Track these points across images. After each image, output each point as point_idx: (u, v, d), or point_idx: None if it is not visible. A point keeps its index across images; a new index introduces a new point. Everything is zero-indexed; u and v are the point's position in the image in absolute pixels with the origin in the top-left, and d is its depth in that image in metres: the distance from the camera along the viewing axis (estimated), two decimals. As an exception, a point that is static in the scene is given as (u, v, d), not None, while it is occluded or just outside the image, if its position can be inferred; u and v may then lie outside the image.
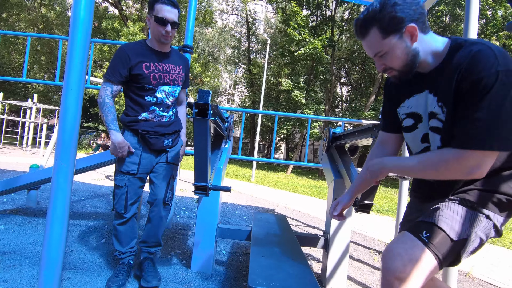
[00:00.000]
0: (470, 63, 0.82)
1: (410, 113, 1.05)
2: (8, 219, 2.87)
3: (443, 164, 0.86)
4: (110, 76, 1.64)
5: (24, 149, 13.40)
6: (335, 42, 17.55)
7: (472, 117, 0.81)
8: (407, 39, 0.91)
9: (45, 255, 1.16)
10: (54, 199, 1.16)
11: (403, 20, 0.89)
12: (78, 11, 1.18)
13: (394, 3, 0.89)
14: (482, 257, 3.55)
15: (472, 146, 0.81)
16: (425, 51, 0.94)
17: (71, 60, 1.17)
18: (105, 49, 17.52)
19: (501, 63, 0.78)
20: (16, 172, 6.03)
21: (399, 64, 0.95)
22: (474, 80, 0.80)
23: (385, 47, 0.93)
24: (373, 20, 0.92)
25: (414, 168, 0.93)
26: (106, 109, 1.63)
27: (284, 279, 1.22)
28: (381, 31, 0.92)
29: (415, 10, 0.90)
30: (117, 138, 1.65)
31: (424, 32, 0.93)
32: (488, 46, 0.82)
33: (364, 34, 0.96)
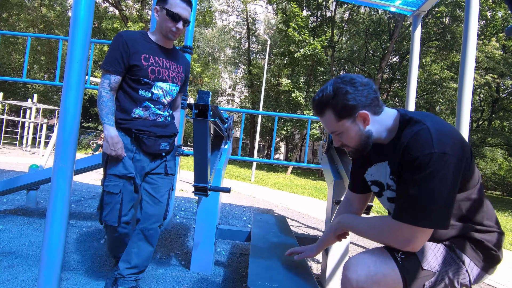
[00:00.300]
0: (410, 142, 0.88)
1: (373, 180, 1.12)
2: (8, 219, 2.86)
3: (383, 232, 0.92)
4: (108, 65, 1.47)
5: (23, 149, 13.38)
6: (335, 43, 17.57)
7: (407, 193, 0.87)
8: (359, 123, 0.98)
9: (45, 255, 1.16)
10: (54, 200, 1.16)
11: (355, 107, 0.96)
12: (78, 11, 1.18)
13: (346, 91, 0.95)
14: (481, 258, 3.55)
15: (403, 219, 0.86)
16: (379, 130, 1.00)
17: (71, 60, 1.17)
18: (105, 49, 17.53)
19: (436, 145, 0.84)
20: (15, 172, 6.03)
21: (353, 144, 1.03)
22: (410, 159, 0.86)
23: (340, 128, 1.01)
24: (327, 104, 0.99)
25: (363, 232, 1.01)
26: (102, 103, 1.47)
27: (283, 280, 1.22)
28: (335, 114, 0.98)
29: (367, 97, 0.96)
30: (110, 132, 1.45)
31: (377, 114, 0.99)
32: (427, 127, 0.88)
33: (320, 114, 1.03)
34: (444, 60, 16.59)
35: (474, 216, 0.96)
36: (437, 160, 0.82)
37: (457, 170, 0.85)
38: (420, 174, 0.84)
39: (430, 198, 0.83)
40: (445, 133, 0.88)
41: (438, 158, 0.83)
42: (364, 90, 0.96)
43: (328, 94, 0.98)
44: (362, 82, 0.97)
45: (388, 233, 0.91)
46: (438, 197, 0.83)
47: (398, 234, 0.88)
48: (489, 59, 13.99)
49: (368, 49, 20.07)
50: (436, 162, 0.82)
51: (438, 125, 0.89)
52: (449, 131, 0.89)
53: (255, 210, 5.15)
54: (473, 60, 2.26)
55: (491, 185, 25.02)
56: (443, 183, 0.83)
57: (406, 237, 0.87)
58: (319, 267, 2.61)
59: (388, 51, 16.94)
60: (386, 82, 19.89)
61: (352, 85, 0.96)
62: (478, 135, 15.98)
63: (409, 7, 3.23)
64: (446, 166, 0.83)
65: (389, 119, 1.00)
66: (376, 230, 0.95)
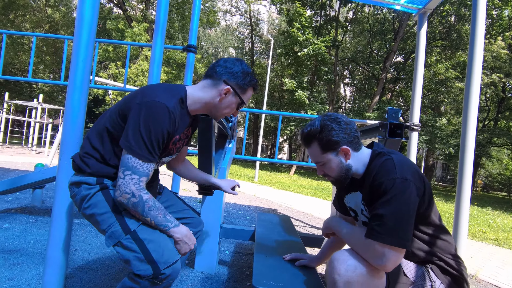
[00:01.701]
0: (377, 171, 1.03)
1: (349, 207, 1.27)
2: (13, 218, 2.89)
3: (360, 247, 1.01)
4: (147, 153, 1.01)
5: (29, 148, 13.51)
6: (338, 43, 17.50)
7: (375, 214, 0.98)
8: (341, 157, 1.11)
9: (50, 253, 1.16)
10: (59, 198, 1.16)
11: (338, 142, 1.09)
12: (83, 11, 1.18)
13: (331, 128, 1.09)
14: (488, 259, 3.51)
15: (372, 237, 0.96)
16: (357, 164, 1.13)
17: (76, 59, 1.17)
18: (109, 50, 17.64)
19: (398, 172, 0.98)
20: (21, 171, 6.08)
21: (334, 174, 1.15)
22: (377, 184, 1.00)
23: (324, 159, 1.13)
24: (314, 137, 1.12)
25: (345, 239, 1.12)
26: (150, 209, 1.04)
27: (288, 280, 1.21)
28: (320, 147, 1.12)
29: (349, 134, 1.10)
30: (182, 232, 1.12)
31: (356, 150, 1.13)
32: (392, 158, 1.04)
33: (307, 145, 1.17)
34: (449, 60, 16.44)
35: (442, 248, 1.09)
36: (399, 184, 0.96)
37: (417, 195, 0.98)
38: (386, 196, 0.96)
39: (395, 218, 0.94)
40: (407, 164, 1.03)
41: (400, 182, 0.96)
42: (347, 129, 1.10)
43: (316, 129, 1.11)
44: (346, 122, 1.12)
45: (363, 249, 1.00)
46: (401, 217, 0.94)
47: (371, 252, 0.97)
48: (495, 58, 13.84)
49: (372, 49, 19.97)
50: (398, 186, 0.96)
51: (401, 157, 1.06)
52: (410, 164, 1.05)
53: (259, 209, 5.14)
54: (480, 60, 2.23)
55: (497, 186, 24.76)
56: (406, 205, 0.95)
57: (378, 255, 0.95)
58: (323, 267, 2.60)
59: (393, 51, 16.83)
60: (390, 81, 19.78)
61: (337, 123, 1.10)
62: (484, 135, 15.81)
63: (414, 5, 3.20)
64: (408, 190, 0.96)
65: (366, 156, 1.14)
66: (355, 242, 1.04)
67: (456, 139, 15.37)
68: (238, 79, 1.16)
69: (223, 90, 1.15)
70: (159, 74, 2.20)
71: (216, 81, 1.16)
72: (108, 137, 1.08)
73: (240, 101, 1.21)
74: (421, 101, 3.19)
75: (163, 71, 16.41)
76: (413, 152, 3.01)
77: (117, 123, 1.07)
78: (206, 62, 21.85)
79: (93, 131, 1.12)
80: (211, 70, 1.18)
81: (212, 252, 2.10)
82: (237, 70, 1.16)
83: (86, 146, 1.11)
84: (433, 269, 1.08)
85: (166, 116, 1.01)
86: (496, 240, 4.71)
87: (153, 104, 1.00)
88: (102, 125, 1.10)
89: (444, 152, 18.50)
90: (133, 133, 0.99)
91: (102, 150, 1.09)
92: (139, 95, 1.06)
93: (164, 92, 1.07)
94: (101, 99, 19.63)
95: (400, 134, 1.46)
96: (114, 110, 1.10)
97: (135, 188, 1.00)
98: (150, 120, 0.99)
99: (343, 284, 0.98)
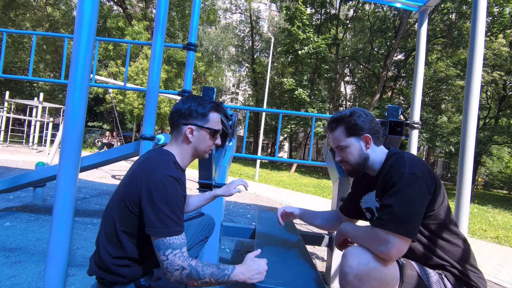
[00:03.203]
0: (390, 168, 1.09)
1: (367, 208, 1.29)
2: (14, 216, 2.90)
3: (365, 238, 1.05)
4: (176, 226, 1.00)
5: (30, 147, 13.53)
6: (339, 41, 17.45)
7: (384, 205, 1.02)
8: (363, 144, 1.18)
9: (51, 251, 1.17)
10: (59, 196, 1.17)
11: (363, 129, 1.17)
12: (83, 9, 1.18)
13: (359, 115, 1.18)
14: (488, 257, 3.51)
15: (378, 225, 0.99)
16: (374, 159, 1.19)
17: (76, 56, 1.17)
18: (110, 48, 17.62)
19: (408, 167, 1.03)
20: (22, 170, 6.09)
21: (353, 160, 1.20)
22: (388, 178, 1.06)
23: (346, 143, 1.19)
24: (342, 121, 1.20)
25: (353, 237, 1.14)
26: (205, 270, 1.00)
27: (289, 277, 1.21)
28: (346, 131, 1.19)
29: (373, 127, 1.18)
30: (240, 271, 1.07)
31: (376, 144, 1.20)
32: (403, 156, 1.10)
33: (333, 129, 1.23)
34: (450, 57, 16.38)
35: (459, 256, 1.09)
36: (408, 177, 1.00)
37: (427, 191, 1.01)
38: (394, 188, 1.01)
39: (401, 208, 0.97)
40: (418, 162, 1.07)
41: (409, 176, 1.00)
42: (373, 122, 1.19)
43: (345, 114, 1.20)
44: (373, 117, 1.21)
45: (368, 239, 1.02)
46: (408, 208, 0.97)
47: (375, 239, 0.99)
48: (496, 56, 13.79)
49: (372, 47, 19.91)
50: (407, 179, 1.00)
51: (413, 156, 1.11)
52: (421, 162, 1.08)
53: (259, 208, 5.15)
54: (481, 58, 2.22)
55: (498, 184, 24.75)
56: (412, 197, 0.98)
57: (382, 241, 0.97)
58: (324, 265, 2.60)
59: (393, 49, 16.78)
60: (391, 79, 19.73)
61: (366, 114, 1.19)
62: (484, 133, 15.78)
63: (415, 3, 3.19)
64: (416, 183, 0.99)
65: (383, 154, 1.20)
66: (362, 235, 1.07)
67: (456, 137, 15.35)
68: (193, 115, 1.15)
69: (186, 131, 1.14)
70: (159, 72, 2.19)
71: (177, 129, 1.16)
72: (126, 238, 1.05)
73: (210, 130, 1.18)
74: (421, 99, 3.18)
75: (163, 70, 16.38)
76: (414, 150, 3.00)
77: (128, 216, 1.03)
78: (206, 60, 21.80)
79: (103, 240, 1.07)
80: (171, 124, 1.18)
81: (213, 250, 2.10)
82: (187, 108, 1.14)
83: (108, 259, 1.04)
84: (448, 277, 1.07)
85: (176, 185, 1.02)
86: (497, 238, 4.71)
87: (161, 181, 1.00)
88: (113, 231, 1.05)
89: (444, 150, 18.48)
90: (156, 216, 0.97)
91: (127, 254, 1.04)
92: (141, 178, 1.02)
93: (160, 164, 1.06)
94: (101, 97, 19.63)
95: (400, 132, 1.46)
96: (117, 207, 1.05)
97: (182, 261, 0.98)
98: (166, 197, 0.99)
99: (353, 277, 0.98)
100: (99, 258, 1.07)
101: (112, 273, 1.05)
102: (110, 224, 1.07)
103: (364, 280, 0.97)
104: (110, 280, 1.05)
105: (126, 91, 16.01)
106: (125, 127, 23.94)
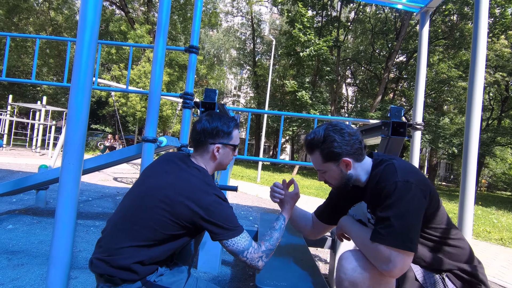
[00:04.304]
0: (380, 177, 1.04)
1: (357, 220, 1.23)
2: (17, 219, 2.90)
3: (367, 250, 1.00)
4: (238, 224, 1.16)
5: (33, 150, 13.60)
6: (340, 43, 17.46)
7: (380, 218, 0.97)
8: (342, 167, 1.12)
9: (53, 254, 1.17)
10: (62, 199, 1.17)
11: (340, 154, 1.10)
12: (86, 11, 1.19)
13: (333, 139, 1.09)
14: (493, 259, 3.48)
15: (377, 240, 0.95)
16: (359, 174, 1.14)
17: (79, 58, 1.18)
18: (112, 52, 17.73)
19: (400, 175, 0.99)
20: (25, 173, 6.12)
21: (335, 183, 1.17)
22: (380, 188, 1.00)
23: (325, 168, 1.15)
24: (317, 147, 1.13)
25: (353, 240, 1.10)
26: (272, 242, 1.19)
27: (291, 279, 1.21)
28: (322, 156, 1.13)
29: (352, 146, 1.10)
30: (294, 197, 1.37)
31: (359, 161, 1.13)
32: (393, 163, 1.05)
33: (310, 153, 1.18)
34: (452, 59, 16.35)
35: (458, 254, 1.07)
36: (402, 187, 0.96)
37: (423, 197, 0.97)
38: (389, 200, 0.96)
39: (400, 221, 0.93)
40: (409, 168, 1.04)
41: (402, 185, 0.96)
42: (351, 140, 1.10)
43: (319, 139, 1.12)
44: (350, 133, 1.11)
45: (369, 253, 0.98)
46: (406, 220, 0.93)
47: (377, 256, 0.95)
48: (498, 57, 13.74)
49: (374, 48, 19.91)
50: (400, 189, 0.96)
51: (402, 162, 1.07)
52: (412, 167, 1.05)
53: (261, 210, 5.14)
54: (483, 59, 2.21)
55: (501, 185, 24.57)
56: (410, 208, 0.94)
57: (384, 259, 0.93)
58: (327, 267, 2.59)
59: (395, 50, 16.78)
60: (392, 81, 19.70)
61: (341, 135, 1.10)
62: (488, 134, 15.70)
63: (416, 4, 3.19)
64: (411, 192, 0.95)
65: (368, 165, 1.15)
66: (363, 245, 1.02)
67: (459, 139, 15.28)
68: (220, 134, 1.24)
69: (214, 150, 1.23)
70: (161, 74, 2.20)
71: (204, 147, 1.25)
72: (158, 240, 1.09)
73: (233, 146, 1.30)
74: (423, 100, 3.17)
75: (166, 73, 16.45)
76: (416, 152, 2.99)
77: (167, 224, 1.08)
78: (208, 63, 21.88)
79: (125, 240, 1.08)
80: (196, 141, 1.27)
81: (215, 253, 2.09)
82: (213, 128, 1.23)
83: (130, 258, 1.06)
84: (449, 277, 1.05)
85: (222, 200, 1.14)
86: (501, 239, 4.67)
87: (215, 197, 1.11)
88: (145, 232, 1.08)
89: (447, 152, 18.39)
90: (217, 227, 1.09)
91: (151, 255, 1.09)
92: (193, 197, 1.09)
93: (204, 184, 1.14)
94: (104, 101, 19.72)
95: (403, 133, 1.45)
96: (152, 212, 1.09)
97: (256, 253, 1.12)
98: (219, 211, 1.10)
99: (349, 284, 0.97)
100: (114, 256, 1.08)
101: (128, 270, 1.06)
102: (140, 225, 1.08)
103: (359, 287, 0.96)
104: (121, 277, 1.06)
105: (129, 95, 16.08)
106: (127, 130, 24.03)
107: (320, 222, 1.38)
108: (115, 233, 1.12)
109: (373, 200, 1.06)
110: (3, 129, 13.50)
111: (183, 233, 1.11)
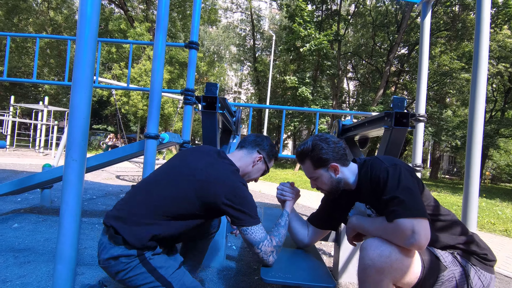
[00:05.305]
0: (371, 172, 1.15)
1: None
2: (22, 218, 2.93)
3: (388, 233, 1.02)
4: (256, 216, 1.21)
5: (36, 151, 13.68)
6: (341, 37, 17.33)
7: (388, 199, 1.03)
8: (331, 172, 1.25)
9: (59, 251, 1.17)
10: (66, 197, 1.17)
11: (327, 159, 1.24)
12: (85, 9, 1.18)
13: (321, 147, 1.24)
14: (498, 250, 3.47)
15: (396, 217, 0.98)
16: (347, 177, 1.26)
17: (79, 56, 1.17)
18: (113, 51, 17.71)
19: (386, 162, 1.12)
20: (29, 173, 6.16)
21: (326, 188, 1.29)
22: (376, 180, 1.10)
23: (316, 174, 1.28)
24: (307, 156, 1.28)
25: (370, 231, 1.12)
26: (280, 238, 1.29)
27: (296, 272, 1.21)
28: (312, 164, 1.27)
29: (338, 152, 1.25)
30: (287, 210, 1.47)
31: (345, 165, 1.26)
32: (376, 157, 1.20)
33: (302, 162, 1.32)
34: (454, 50, 16.18)
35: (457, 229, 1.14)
36: (393, 169, 1.07)
37: (410, 175, 1.07)
38: (389, 183, 1.04)
39: (407, 195, 1.00)
40: (391, 157, 1.17)
41: (392, 168, 1.07)
42: (336, 147, 1.25)
43: (308, 148, 1.27)
44: (334, 141, 1.26)
45: (391, 234, 1.00)
46: (411, 192, 1.01)
47: (400, 233, 0.97)
48: (501, 48, 13.58)
49: (375, 42, 19.74)
50: (393, 171, 1.07)
51: (384, 155, 1.18)
52: (394, 157, 1.18)
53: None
54: (486, 50, 2.17)
55: (505, 177, 24.43)
56: (408, 181, 1.03)
57: (408, 233, 0.95)
58: (331, 260, 2.59)
59: (396, 43, 16.63)
60: (394, 74, 19.56)
61: (327, 143, 1.24)
62: (491, 126, 15.58)
63: (418, -5, 3.15)
64: (402, 172, 1.06)
65: (354, 168, 1.27)
66: (382, 231, 1.05)
67: (462, 131, 15.18)
68: (266, 150, 1.43)
69: (256, 158, 1.40)
70: (162, 71, 2.19)
71: (251, 151, 1.41)
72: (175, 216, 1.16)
73: (266, 168, 1.46)
74: (426, 93, 3.14)
75: (166, 70, 16.44)
76: (419, 144, 2.97)
77: (195, 206, 1.16)
78: (208, 60, 21.81)
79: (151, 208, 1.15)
80: (244, 142, 1.44)
81: (220, 247, 2.10)
82: (266, 144, 1.44)
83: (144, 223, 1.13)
84: (459, 253, 1.10)
85: (247, 190, 1.23)
86: (505, 231, 4.66)
87: (242, 186, 1.21)
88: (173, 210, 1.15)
89: (450, 144, 18.29)
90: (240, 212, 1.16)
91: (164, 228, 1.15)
92: (222, 182, 1.17)
93: (233, 173, 1.25)
94: (105, 100, 19.74)
95: (406, 123, 1.44)
96: (187, 195, 1.16)
97: (269, 247, 1.19)
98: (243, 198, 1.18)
99: (375, 271, 0.97)
100: (132, 218, 1.14)
101: (137, 236, 1.11)
102: (164, 198, 1.16)
103: (386, 273, 0.96)
104: (127, 239, 1.10)
105: (130, 93, 16.09)
106: (129, 129, 24.07)
107: (315, 228, 1.47)
108: (140, 199, 1.19)
109: (372, 194, 1.14)
110: (6, 130, 13.58)
111: (201, 215, 1.18)
